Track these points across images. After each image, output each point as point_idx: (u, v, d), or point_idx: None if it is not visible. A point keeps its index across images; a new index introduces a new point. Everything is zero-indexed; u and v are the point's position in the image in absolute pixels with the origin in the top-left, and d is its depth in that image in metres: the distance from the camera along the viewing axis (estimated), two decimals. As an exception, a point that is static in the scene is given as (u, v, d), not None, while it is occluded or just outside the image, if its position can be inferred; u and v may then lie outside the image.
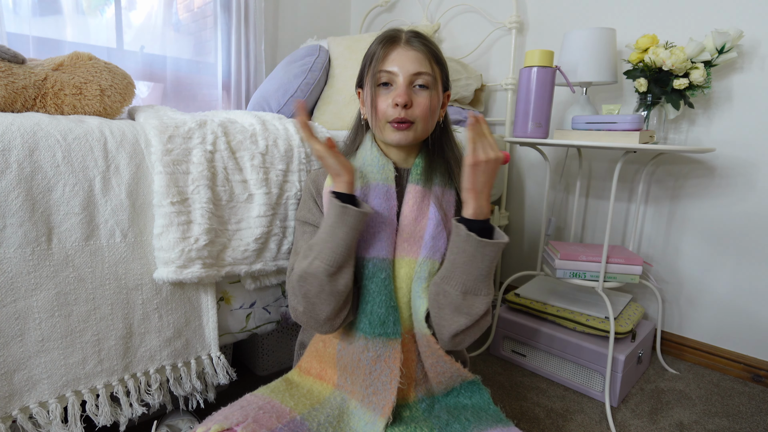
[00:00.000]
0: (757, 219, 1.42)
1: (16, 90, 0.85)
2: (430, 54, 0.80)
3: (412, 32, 0.81)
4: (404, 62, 0.78)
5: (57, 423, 0.77)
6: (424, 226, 0.82)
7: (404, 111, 0.77)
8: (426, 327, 0.78)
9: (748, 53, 1.39)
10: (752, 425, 1.23)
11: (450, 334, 0.75)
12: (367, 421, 0.75)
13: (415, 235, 0.81)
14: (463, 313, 0.73)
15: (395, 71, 0.78)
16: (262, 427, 0.66)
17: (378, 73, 0.79)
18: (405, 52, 0.78)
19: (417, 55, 0.78)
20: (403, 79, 0.77)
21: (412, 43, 0.79)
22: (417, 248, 0.81)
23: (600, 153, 1.72)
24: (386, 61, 0.79)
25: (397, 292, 0.80)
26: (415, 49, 0.78)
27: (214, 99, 1.99)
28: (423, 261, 0.79)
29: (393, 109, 0.78)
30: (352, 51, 1.53)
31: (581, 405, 1.30)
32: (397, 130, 0.79)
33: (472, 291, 0.73)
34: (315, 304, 0.75)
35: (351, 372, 0.79)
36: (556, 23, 1.77)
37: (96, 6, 1.63)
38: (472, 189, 0.71)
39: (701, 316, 1.56)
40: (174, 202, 0.84)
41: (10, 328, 0.72)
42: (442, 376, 0.81)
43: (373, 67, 0.79)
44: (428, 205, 0.83)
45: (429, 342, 0.78)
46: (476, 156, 0.69)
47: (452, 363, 0.80)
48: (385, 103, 0.79)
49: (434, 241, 0.80)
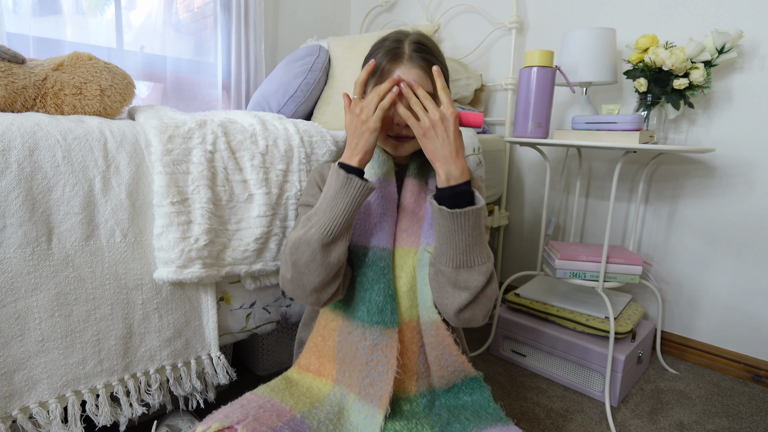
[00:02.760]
0: (757, 219, 1.42)
1: (16, 90, 0.85)
2: (430, 68, 0.80)
3: (416, 43, 0.81)
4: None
5: (57, 423, 0.77)
6: (422, 217, 0.84)
7: (406, 129, 0.80)
8: (436, 312, 0.79)
9: (748, 53, 1.39)
10: (752, 425, 1.23)
11: (454, 311, 0.75)
12: (366, 414, 0.75)
13: (413, 225, 0.84)
14: (462, 287, 0.73)
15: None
16: (262, 425, 0.66)
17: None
18: (408, 69, 0.79)
19: (418, 73, 0.79)
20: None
21: (414, 59, 0.79)
22: (416, 238, 0.83)
23: (600, 153, 1.72)
24: (389, 78, 0.80)
25: (396, 282, 0.81)
26: (416, 66, 0.79)
27: (214, 99, 1.99)
28: (424, 249, 0.81)
29: (395, 127, 0.81)
30: (352, 51, 1.53)
31: (581, 405, 1.30)
32: (397, 143, 0.82)
33: (464, 264, 0.73)
34: (303, 273, 0.74)
35: (349, 363, 0.79)
36: (556, 23, 1.77)
37: (96, 6, 1.63)
38: (432, 157, 0.73)
39: (701, 316, 1.56)
40: (174, 202, 0.84)
41: (10, 328, 0.72)
42: (445, 370, 0.82)
43: (374, 81, 0.81)
44: (425, 198, 0.86)
45: (438, 329, 0.79)
46: (421, 125, 0.72)
47: (458, 355, 0.81)
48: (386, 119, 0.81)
49: (431, 229, 0.82)
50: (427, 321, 0.80)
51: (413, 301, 0.82)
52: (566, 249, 1.37)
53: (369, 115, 0.73)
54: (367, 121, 0.73)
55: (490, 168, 1.72)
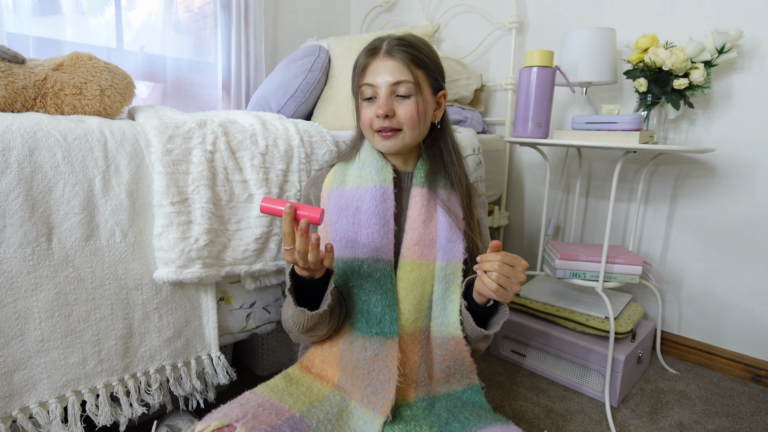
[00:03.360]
0: (757, 219, 1.42)
1: (16, 90, 0.85)
2: (410, 59, 0.79)
3: (396, 39, 0.81)
4: (382, 73, 0.79)
5: (57, 423, 0.77)
6: (434, 229, 0.83)
7: (387, 120, 0.79)
8: (459, 329, 0.80)
9: (748, 53, 1.39)
10: (752, 425, 1.23)
11: (474, 349, 0.85)
12: (366, 420, 0.75)
13: (425, 238, 0.82)
14: (482, 341, 0.84)
15: (375, 83, 0.79)
16: (261, 423, 0.66)
17: (360, 86, 0.82)
18: (383, 62, 0.79)
19: (395, 64, 0.78)
20: (383, 91, 0.79)
21: (391, 52, 0.79)
22: (431, 251, 0.82)
23: (600, 153, 1.72)
24: (366, 74, 0.80)
25: (399, 293, 0.81)
26: (393, 58, 0.78)
27: (214, 99, 1.99)
28: (444, 265, 0.82)
29: (377, 120, 0.80)
30: (352, 51, 1.53)
31: (581, 405, 1.30)
32: (384, 138, 0.81)
33: (485, 339, 0.83)
34: (299, 338, 0.82)
35: (351, 372, 0.79)
36: (556, 23, 1.77)
37: (96, 6, 1.63)
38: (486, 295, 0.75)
39: (701, 316, 1.56)
40: (174, 202, 0.84)
41: (10, 328, 0.72)
42: (452, 378, 0.83)
43: (356, 80, 0.82)
44: (435, 208, 0.84)
45: (457, 344, 0.81)
46: (500, 292, 0.71)
47: (471, 364, 0.83)
48: (369, 113, 0.81)
49: (450, 244, 0.82)
50: (445, 335, 0.81)
51: (420, 314, 0.82)
52: (566, 249, 1.37)
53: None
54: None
55: (490, 168, 1.72)
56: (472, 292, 0.79)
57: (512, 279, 0.69)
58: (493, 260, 0.69)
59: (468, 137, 1.49)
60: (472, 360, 0.83)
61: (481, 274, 0.71)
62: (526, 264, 0.71)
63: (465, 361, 0.82)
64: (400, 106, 0.79)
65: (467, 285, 0.82)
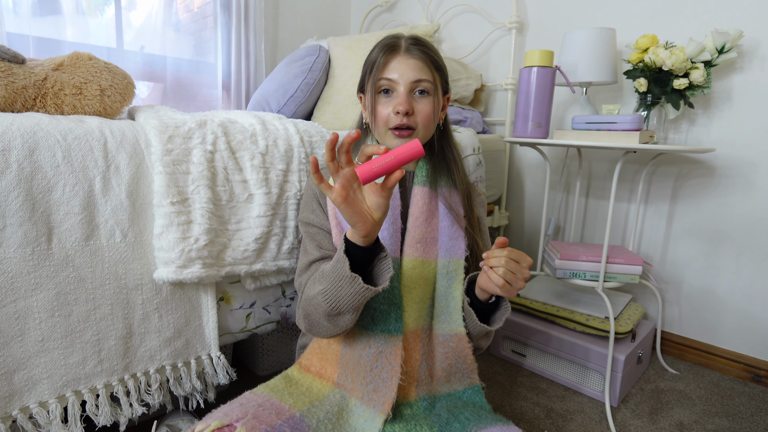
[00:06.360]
0: (757, 219, 1.42)
1: (16, 90, 0.85)
2: (430, 61, 0.80)
3: (412, 39, 0.82)
4: (405, 70, 0.79)
5: (57, 423, 0.77)
6: (435, 227, 0.83)
7: (406, 118, 0.79)
8: (462, 325, 0.81)
9: (748, 53, 1.39)
10: (752, 425, 1.23)
11: (475, 347, 0.87)
12: (367, 418, 0.75)
13: (428, 236, 0.82)
14: (484, 338, 0.87)
15: (396, 79, 0.79)
16: (261, 423, 0.66)
17: (379, 80, 0.80)
18: (405, 60, 0.79)
19: (417, 63, 0.79)
20: (403, 87, 0.79)
21: (411, 51, 0.80)
22: (433, 249, 0.83)
23: (600, 153, 1.72)
24: (387, 68, 0.80)
25: (403, 290, 0.81)
26: (414, 57, 0.80)
27: (214, 99, 1.99)
28: (446, 262, 0.82)
29: (394, 116, 0.79)
30: (352, 51, 1.53)
31: (581, 405, 1.30)
32: (398, 137, 0.80)
33: (486, 336, 0.86)
34: (314, 325, 0.76)
35: (352, 369, 0.79)
36: (556, 23, 1.77)
37: (96, 6, 1.63)
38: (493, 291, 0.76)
39: (701, 316, 1.56)
40: (174, 202, 0.84)
41: (10, 328, 0.72)
42: (453, 377, 0.83)
43: (374, 74, 0.80)
44: (437, 206, 0.84)
45: (460, 341, 0.81)
46: (506, 288, 0.71)
47: (472, 362, 0.83)
48: (386, 110, 0.80)
49: (452, 241, 0.83)
50: (447, 332, 0.81)
51: (422, 312, 0.82)
52: (566, 249, 1.37)
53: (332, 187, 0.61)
54: (336, 197, 0.61)
55: (490, 168, 1.72)
56: (474, 289, 0.80)
57: (518, 275, 0.70)
58: (500, 256, 0.70)
59: (468, 137, 1.49)
60: (473, 359, 0.83)
61: (487, 270, 0.72)
62: (530, 261, 0.72)
63: (467, 359, 0.82)
64: (418, 104, 0.80)
65: (468, 282, 0.82)
